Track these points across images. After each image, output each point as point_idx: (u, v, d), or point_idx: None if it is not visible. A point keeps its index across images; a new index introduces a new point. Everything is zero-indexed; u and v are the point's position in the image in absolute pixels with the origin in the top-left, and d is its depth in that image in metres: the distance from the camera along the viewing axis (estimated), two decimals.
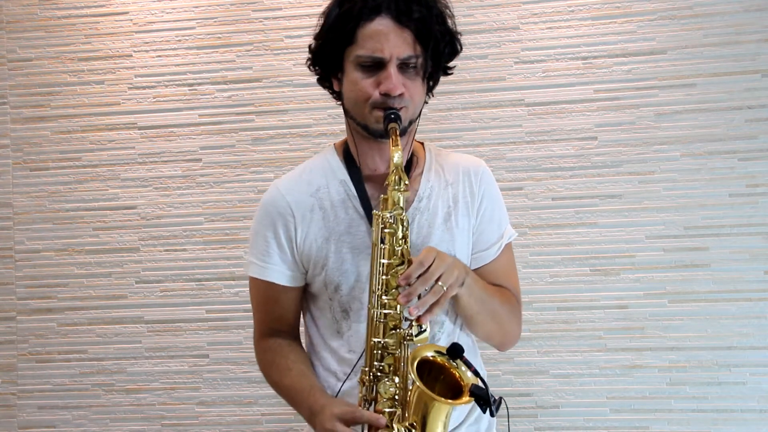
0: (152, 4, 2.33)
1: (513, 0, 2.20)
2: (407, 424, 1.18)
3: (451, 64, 1.41)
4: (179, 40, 2.32)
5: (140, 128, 2.33)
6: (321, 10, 2.37)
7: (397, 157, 1.23)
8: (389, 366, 1.23)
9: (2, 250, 2.36)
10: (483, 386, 1.13)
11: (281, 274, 1.39)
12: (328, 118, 2.25)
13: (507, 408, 1.36)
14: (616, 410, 2.12)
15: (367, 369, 1.23)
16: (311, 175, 1.42)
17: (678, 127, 2.14)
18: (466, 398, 1.14)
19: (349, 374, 1.34)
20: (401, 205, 1.23)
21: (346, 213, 1.36)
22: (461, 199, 1.39)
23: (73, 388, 2.32)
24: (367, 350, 1.24)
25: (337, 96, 1.40)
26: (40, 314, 2.34)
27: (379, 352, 1.23)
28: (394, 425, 1.19)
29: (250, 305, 2.34)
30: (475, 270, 1.36)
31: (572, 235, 2.16)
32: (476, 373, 1.15)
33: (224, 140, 2.30)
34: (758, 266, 2.09)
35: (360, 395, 1.24)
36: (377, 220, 1.24)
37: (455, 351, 1.17)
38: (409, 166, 1.40)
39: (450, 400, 1.15)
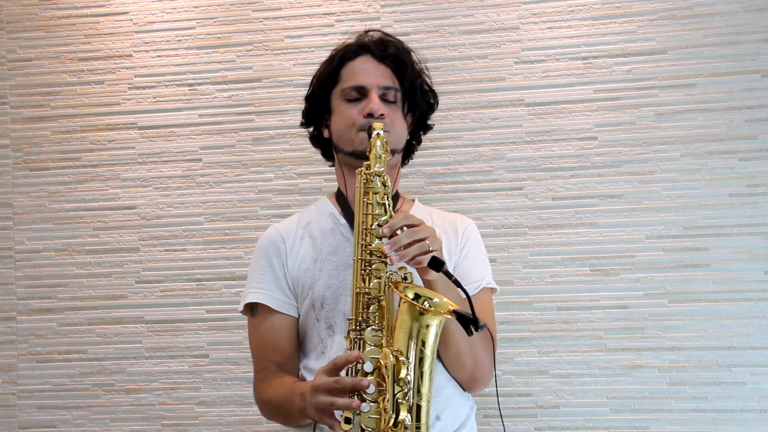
0: (152, 4, 2.33)
1: (513, 0, 2.21)
2: (393, 349, 1.18)
3: (431, 122, 1.61)
4: (179, 40, 2.32)
5: (140, 128, 2.33)
6: (321, 10, 2.39)
7: (379, 127, 1.33)
8: (374, 315, 1.25)
9: (2, 250, 2.36)
10: (468, 313, 1.14)
11: (275, 299, 1.46)
12: None
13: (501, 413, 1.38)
14: (616, 410, 2.12)
15: (352, 318, 1.26)
16: (302, 215, 1.54)
17: (678, 127, 2.14)
18: (450, 316, 1.16)
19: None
20: (383, 164, 1.31)
21: (333, 238, 1.45)
22: (444, 238, 1.45)
23: (73, 388, 2.32)
24: (352, 300, 1.27)
25: (328, 151, 1.55)
26: (40, 314, 2.34)
27: (364, 301, 1.26)
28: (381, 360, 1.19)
29: None
30: None
31: (572, 235, 2.16)
32: (458, 284, 1.17)
33: (224, 140, 2.30)
34: (758, 266, 2.09)
35: (347, 350, 1.26)
36: (360, 175, 1.31)
37: (436, 263, 1.19)
38: (395, 203, 1.45)
39: (435, 312, 1.16)
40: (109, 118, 2.34)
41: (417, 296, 1.19)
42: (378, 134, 1.32)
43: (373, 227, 1.27)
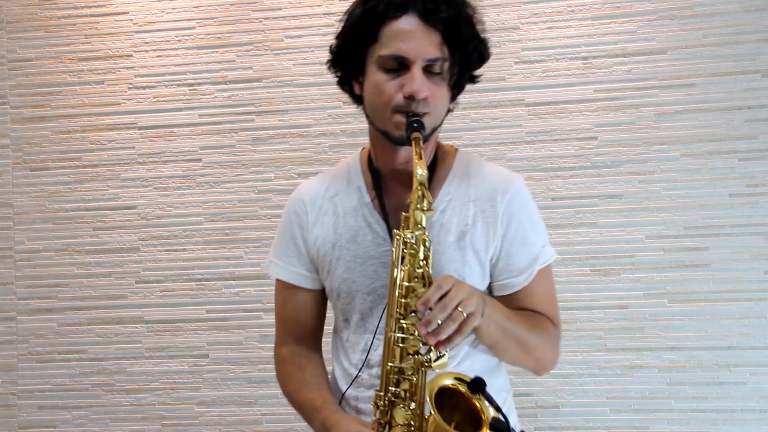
0: (152, 4, 2.33)
1: (513, 0, 2.20)
2: None
3: (477, 72, 1.35)
4: (179, 40, 2.32)
5: (140, 128, 2.33)
6: (321, 10, 2.38)
7: (421, 172, 1.15)
8: (405, 392, 1.16)
9: (2, 250, 2.36)
10: (504, 420, 1.08)
11: (298, 275, 1.37)
12: (328, 118, 2.25)
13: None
14: (616, 410, 2.12)
15: (382, 393, 1.18)
16: (332, 180, 1.39)
17: (678, 127, 2.13)
18: None
19: (342, 396, 1.32)
20: (424, 224, 1.16)
21: (355, 220, 1.33)
22: (481, 220, 1.29)
23: (73, 388, 2.32)
24: (382, 374, 1.18)
25: (357, 100, 1.33)
26: (40, 314, 2.34)
27: (395, 377, 1.16)
28: None
29: (250, 305, 2.36)
30: (504, 296, 1.30)
31: (572, 235, 2.16)
32: (498, 409, 1.10)
33: (224, 140, 2.29)
34: (758, 266, 2.09)
35: (374, 419, 1.19)
36: (398, 240, 1.17)
37: (476, 385, 1.11)
38: (431, 173, 1.31)
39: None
40: (109, 118, 2.34)
41: (457, 379, 1.13)
42: (421, 184, 1.15)
43: (409, 299, 1.15)
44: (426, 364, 1.14)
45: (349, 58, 1.27)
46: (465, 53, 1.25)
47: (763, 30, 2.11)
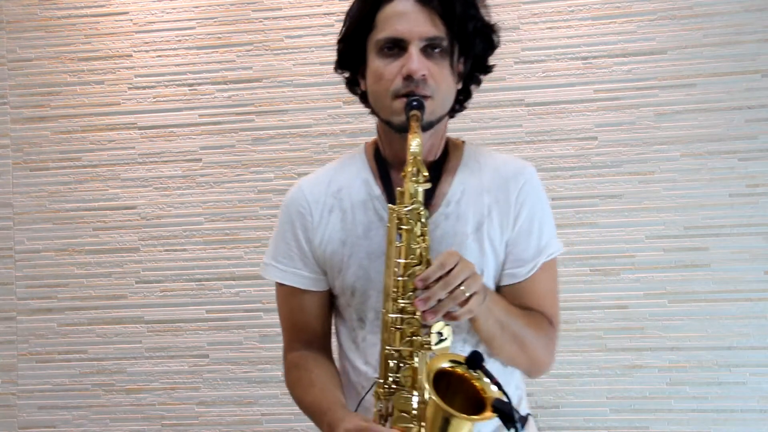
0: (152, 4, 2.33)
1: (513, 0, 2.20)
2: None
3: (489, 63, 1.34)
4: (179, 40, 2.32)
5: (140, 128, 2.33)
6: (321, 10, 2.38)
7: (415, 144, 1.12)
8: (406, 377, 1.11)
9: (2, 250, 2.36)
10: (506, 400, 1.02)
11: (302, 278, 1.31)
12: (328, 118, 2.25)
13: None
14: (616, 410, 2.12)
15: (381, 381, 1.13)
16: (335, 175, 1.34)
17: (678, 127, 2.14)
18: (488, 413, 1.01)
19: (367, 391, 1.25)
20: (419, 198, 1.13)
21: (365, 215, 1.28)
22: (496, 210, 1.27)
23: (73, 388, 2.32)
24: (381, 360, 1.13)
25: (365, 99, 1.31)
26: (40, 314, 2.34)
27: (395, 362, 1.11)
28: None
29: (250, 305, 2.36)
30: (505, 287, 1.26)
31: (572, 235, 2.16)
32: (498, 386, 1.06)
33: (224, 140, 2.30)
34: (758, 266, 2.09)
35: (375, 410, 1.14)
36: (392, 215, 1.13)
37: (474, 360, 1.06)
38: (442, 164, 1.31)
39: (469, 416, 1.03)
40: (109, 118, 2.34)
41: (454, 361, 1.08)
42: (414, 155, 1.13)
43: (406, 277, 1.10)
44: (426, 345, 1.09)
45: (352, 52, 1.26)
46: (465, 34, 1.24)
47: (763, 30, 2.11)
